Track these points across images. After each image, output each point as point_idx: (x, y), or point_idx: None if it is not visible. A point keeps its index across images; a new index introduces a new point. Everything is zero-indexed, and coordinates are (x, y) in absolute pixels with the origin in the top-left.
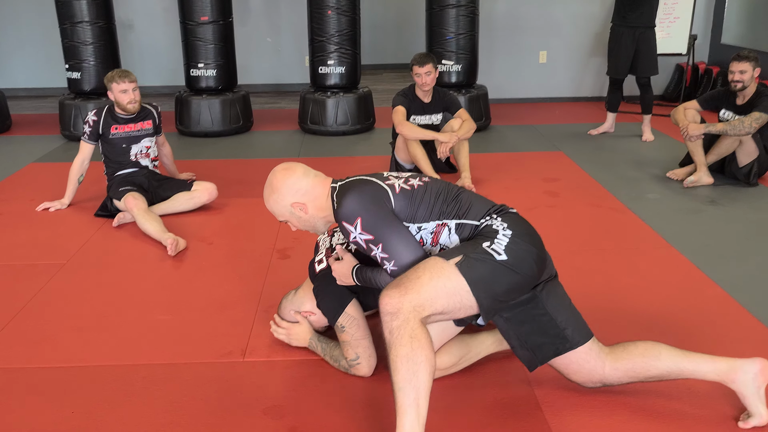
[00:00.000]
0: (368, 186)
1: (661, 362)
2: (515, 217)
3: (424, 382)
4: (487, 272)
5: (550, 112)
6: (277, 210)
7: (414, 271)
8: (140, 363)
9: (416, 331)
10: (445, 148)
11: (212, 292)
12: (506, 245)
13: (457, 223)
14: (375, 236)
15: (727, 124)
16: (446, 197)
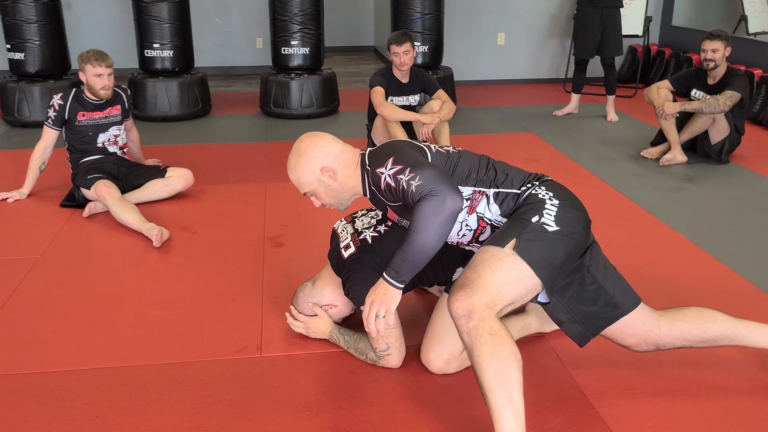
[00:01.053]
0: (404, 142)
1: (717, 325)
2: (556, 184)
3: (514, 379)
4: (544, 248)
5: (511, 94)
6: (305, 178)
7: (473, 271)
8: (148, 363)
9: (494, 328)
10: (427, 129)
11: (210, 284)
12: (555, 215)
13: (495, 192)
14: (404, 165)
15: (702, 103)
16: (480, 166)
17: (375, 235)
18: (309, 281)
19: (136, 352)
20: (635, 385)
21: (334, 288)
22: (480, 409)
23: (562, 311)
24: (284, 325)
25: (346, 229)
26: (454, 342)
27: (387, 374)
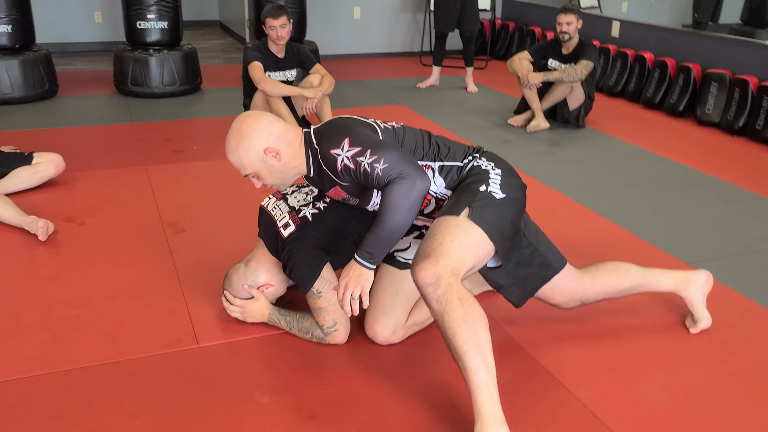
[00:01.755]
0: (352, 119)
1: (631, 275)
2: (493, 154)
3: (486, 340)
4: (495, 214)
5: (371, 68)
6: (247, 159)
7: (433, 239)
8: (74, 367)
9: (462, 293)
10: (311, 104)
11: (117, 277)
12: (500, 183)
13: (440, 165)
14: (363, 147)
15: (562, 72)
16: (423, 141)
17: (315, 212)
18: (241, 262)
19: (56, 356)
20: (565, 335)
21: (269, 267)
22: (435, 373)
23: (501, 276)
24: (215, 313)
25: (279, 207)
26: (398, 312)
27: (335, 351)
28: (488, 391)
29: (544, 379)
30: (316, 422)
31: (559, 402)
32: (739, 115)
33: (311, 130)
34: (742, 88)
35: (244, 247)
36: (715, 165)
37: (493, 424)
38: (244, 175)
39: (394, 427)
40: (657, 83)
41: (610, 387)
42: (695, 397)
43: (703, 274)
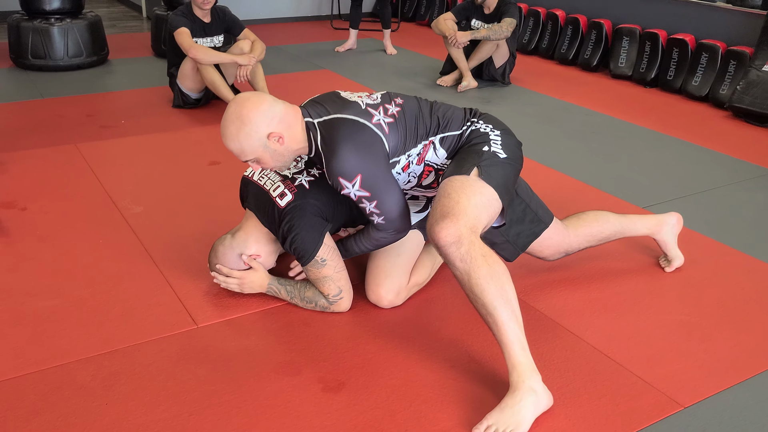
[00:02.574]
0: (362, 133)
1: (610, 224)
2: (490, 116)
3: (512, 293)
4: (502, 173)
5: (284, 33)
6: (249, 146)
7: (448, 198)
8: (71, 360)
9: (484, 249)
10: (246, 71)
11: (85, 264)
12: (501, 143)
13: (441, 137)
14: (372, 193)
15: (489, 30)
16: (424, 116)
17: (311, 180)
18: (227, 234)
19: (44, 351)
20: (556, 283)
21: (258, 238)
22: (447, 330)
23: (495, 234)
24: (202, 291)
25: (269, 177)
26: (401, 274)
27: (340, 319)
28: (521, 343)
29: (550, 327)
30: (346, 391)
31: (571, 347)
32: (651, 67)
33: (315, 122)
34: (652, 42)
35: (209, 221)
36: (638, 115)
37: (530, 373)
38: (244, 161)
39: (422, 387)
40: (570, 40)
41: (611, 328)
42: (690, 329)
43: (674, 216)
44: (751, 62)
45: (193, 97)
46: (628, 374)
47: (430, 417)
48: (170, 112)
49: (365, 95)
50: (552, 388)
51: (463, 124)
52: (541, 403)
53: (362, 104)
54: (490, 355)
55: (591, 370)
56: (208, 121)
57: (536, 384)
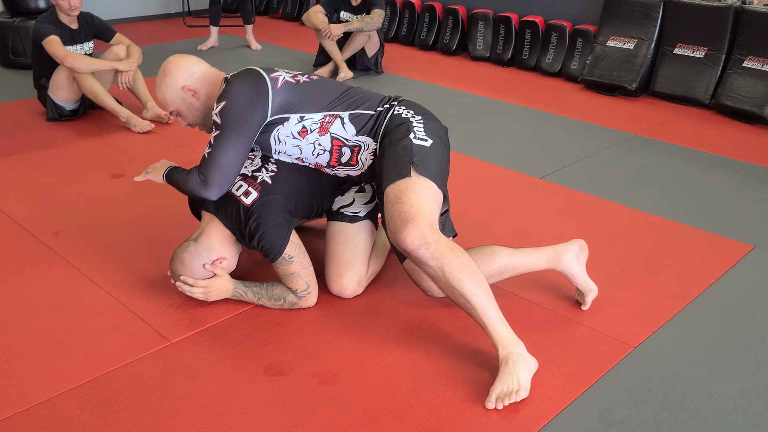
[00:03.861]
0: (251, 76)
1: (497, 257)
2: (410, 101)
3: (482, 276)
4: (435, 161)
5: (134, 33)
6: (168, 95)
7: (401, 204)
8: (48, 397)
9: (449, 243)
10: (128, 77)
11: (18, 295)
12: (424, 129)
13: (350, 113)
14: (222, 122)
15: (361, 22)
16: (336, 92)
17: (271, 174)
18: (189, 240)
19: (16, 390)
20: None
21: (221, 240)
22: (415, 312)
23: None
24: (162, 306)
25: None
26: (360, 264)
27: (309, 315)
28: (500, 319)
29: (502, 294)
30: (342, 381)
31: (526, 310)
32: (507, 48)
33: (229, 75)
34: (506, 25)
35: (140, 235)
36: (504, 93)
37: (514, 343)
38: (169, 112)
39: (411, 366)
40: (428, 26)
41: (552, 288)
42: (614, 281)
43: (576, 244)
44: (596, 39)
45: (68, 109)
46: (581, 326)
47: (428, 391)
48: (46, 127)
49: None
50: None
51: (379, 106)
52: (531, 367)
53: (276, 68)
54: (460, 327)
55: (548, 327)
56: (93, 132)
57: (522, 350)
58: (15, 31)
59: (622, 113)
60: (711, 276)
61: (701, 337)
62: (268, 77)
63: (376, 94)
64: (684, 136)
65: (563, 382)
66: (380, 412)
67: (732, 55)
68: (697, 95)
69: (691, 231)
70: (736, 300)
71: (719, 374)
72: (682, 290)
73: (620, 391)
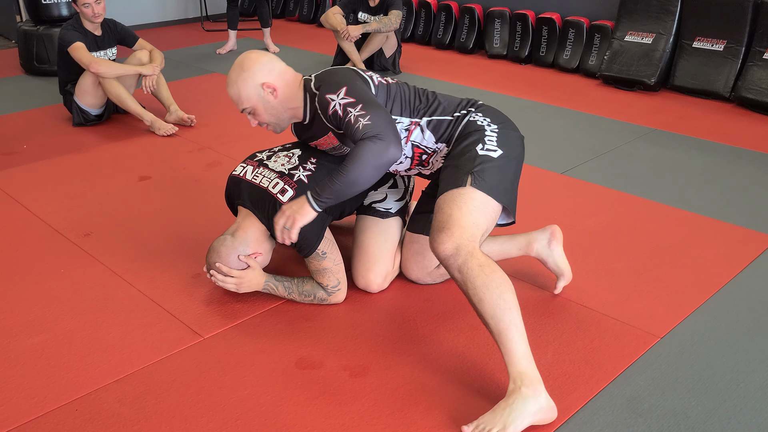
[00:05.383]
0: (352, 71)
1: None
2: (490, 108)
3: (512, 302)
4: (497, 175)
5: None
6: (245, 92)
7: (441, 213)
8: (88, 391)
9: (482, 259)
10: (151, 81)
11: (55, 295)
12: (497, 139)
13: (428, 120)
14: (356, 99)
15: (379, 23)
16: (415, 96)
17: (308, 174)
18: (226, 234)
19: (58, 386)
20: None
21: (257, 236)
22: (438, 307)
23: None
24: (193, 304)
25: (264, 174)
26: (388, 259)
27: (338, 310)
28: (520, 351)
29: (527, 288)
30: (372, 373)
31: (551, 303)
32: (524, 46)
33: (312, 77)
34: (522, 22)
35: (170, 235)
36: (522, 90)
37: (528, 381)
38: (241, 110)
39: (439, 358)
40: (444, 25)
41: (575, 281)
42: (639, 272)
43: (547, 231)
44: (613, 34)
45: (93, 114)
46: (607, 318)
47: (457, 383)
48: (73, 131)
49: None
50: (548, 341)
51: (457, 111)
52: (539, 413)
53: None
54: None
55: (575, 319)
56: (118, 136)
57: (532, 391)
58: (39, 39)
59: (642, 108)
60: (735, 267)
61: (727, 327)
62: (368, 74)
63: (454, 98)
64: (704, 129)
65: (591, 372)
66: (410, 404)
67: (752, 47)
68: (717, 88)
69: (714, 223)
70: (762, 290)
71: (746, 363)
72: (707, 281)
73: (648, 380)
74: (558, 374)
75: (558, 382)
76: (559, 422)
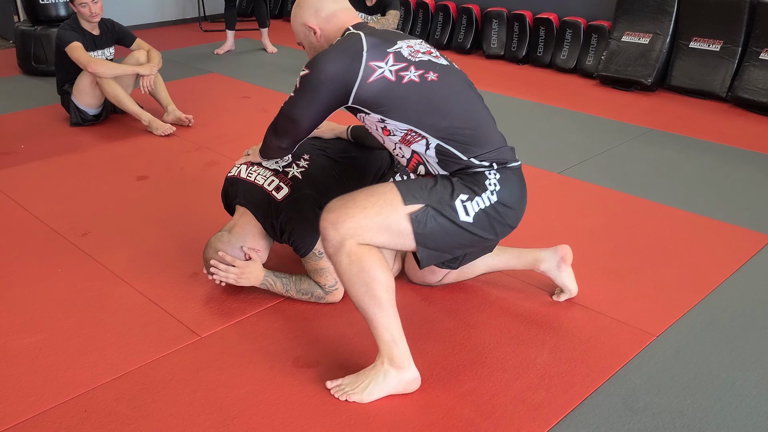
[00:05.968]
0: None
1: (476, 266)
2: (513, 178)
3: (374, 290)
4: (441, 232)
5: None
6: (294, 27)
7: (362, 195)
8: (86, 390)
9: (352, 249)
10: (149, 81)
11: (51, 294)
12: (482, 209)
13: (438, 144)
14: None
15: (376, 23)
16: (439, 103)
17: (302, 171)
18: (223, 231)
19: (54, 385)
20: None
21: (254, 233)
22: (433, 307)
23: None
24: (190, 303)
25: (259, 173)
26: (387, 257)
27: (334, 308)
28: (386, 337)
29: (522, 287)
30: None
31: (546, 302)
32: (521, 46)
33: (351, 29)
34: (520, 23)
35: (167, 235)
36: (519, 91)
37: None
38: (298, 42)
39: (434, 357)
40: (442, 26)
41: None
42: (635, 272)
43: (559, 253)
44: (611, 34)
45: (91, 114)
46: (603, 317)
47: (453, 382)
48: (71, 132)
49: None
50: (544, 340)
51: (477, 158)
52: (398, 385)
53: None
54: (482, 319)
55: (571, 318)
56: (116, 136)
57: (395, 368)
58: (37, 39)
59: (639, 108)
60: (731, 266)
61: (723, 326)
62: (364, 66)
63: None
64: (701, 129)
65: (587, 370)
66: (407, 401)
67: (748, 47)
68: (714, 89)
69: (710, 222)
70: (757, 289)
71: (741, 361)
72: (703, 280)
73: (643, 378)
74: (554, 372)
75: (554, 380)
76: (555, 420)
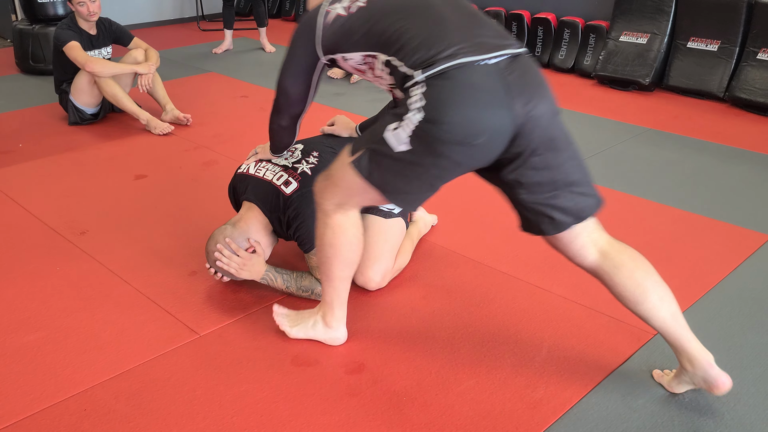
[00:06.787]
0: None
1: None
2: (449, 82)
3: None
4: (388, 171)
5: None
6: None
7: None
8: (85, 388)
9: (335, 221)
10: (147, 80)
11: (50, 293)
12: (413, 132)
13: (386, 59)
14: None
15: None
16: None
17: (312, 167)
18: (227, 224)
19: (54, 383)
20: (509, 244)
21: (258, 228)
22: (433, 305)
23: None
24: (189, 302)
25: (268, 168)
26: (388, 258)
27: None
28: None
29: (520, 286)
30: (367, 370)
31: (545, 301)
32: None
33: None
34: (518, 22)
35: (165, 234)
36: None
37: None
38: None
39: (436, 354)
40: None
41: (570, 279)
42: None
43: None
44: (609, 34)
45: (89, 113)
46: (601, 315)
47: (452, 380)
48: (69, 130)
49: None
50: (543, 338)
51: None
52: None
53: None
54: (482, 317)
55: (569, 316)
56: (114, 135)
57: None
58: (35, 38)
59: (636, 107)
60: (728, 265)
61: (720, 324)
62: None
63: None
64: (699, 128)
65: (585, 368)
66: (406, 399)
67: (746, 47)
68: (711, 88)
69: (708, 221)
70: (754, 288)
71: (739, 359)
72: (700, 279)
73: (642, 376)
74: (552, 371)
75: (553, 378)
76: (554, 417)
